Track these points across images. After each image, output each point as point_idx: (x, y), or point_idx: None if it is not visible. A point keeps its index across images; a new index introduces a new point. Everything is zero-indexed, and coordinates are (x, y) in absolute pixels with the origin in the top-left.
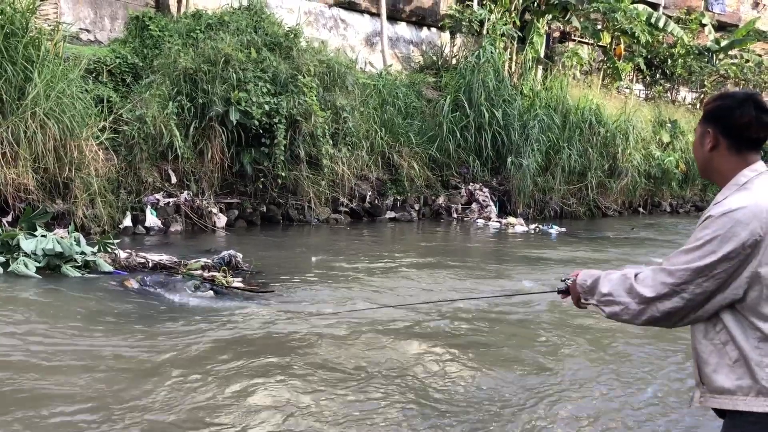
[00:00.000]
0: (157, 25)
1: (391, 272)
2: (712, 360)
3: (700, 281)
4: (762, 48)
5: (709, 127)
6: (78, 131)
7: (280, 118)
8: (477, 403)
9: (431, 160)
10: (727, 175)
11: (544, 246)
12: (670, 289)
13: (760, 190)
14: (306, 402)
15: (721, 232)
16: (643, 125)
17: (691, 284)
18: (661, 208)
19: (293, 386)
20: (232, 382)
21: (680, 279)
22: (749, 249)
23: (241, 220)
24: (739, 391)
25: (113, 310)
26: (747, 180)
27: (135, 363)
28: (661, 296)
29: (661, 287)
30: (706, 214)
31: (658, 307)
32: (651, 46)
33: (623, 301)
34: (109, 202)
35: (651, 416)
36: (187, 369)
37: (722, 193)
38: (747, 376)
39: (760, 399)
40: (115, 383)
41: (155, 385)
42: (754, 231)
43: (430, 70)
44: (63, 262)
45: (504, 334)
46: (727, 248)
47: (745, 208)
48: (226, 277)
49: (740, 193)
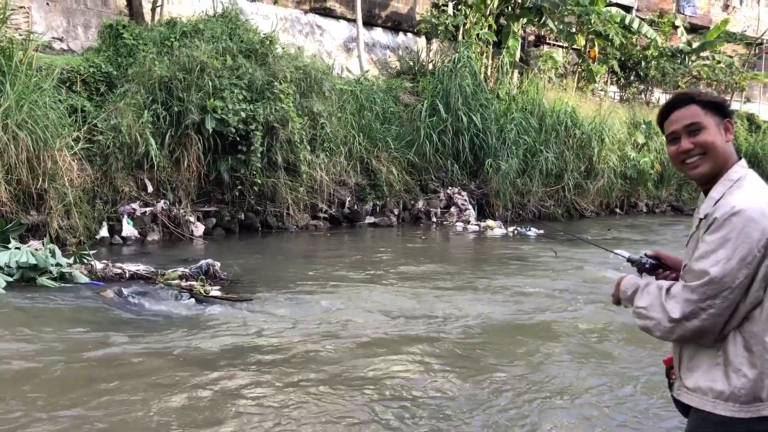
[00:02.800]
0: (131, 33)
1: (370, 279)
2: (695, 356)
3: (726, 293)
4: (732, 49)
5: (724, 117)
6: (51, 142)
7: (257, 125)
8: (459, 408)
9: (410, 164)
10: (727, 167)
11: (524, 248)
12: (696, 306)
13: (755, 186)
14: (285, 410)
15: (733, 235)
16: (618, 127)
17: (717, 299)
18: (638, 208)
19: (272, 393)
20: (209, 389)
21: (703, 295)
22: (763, 250)
23: (218, 228)
24: (710, 393)
25: (89, 320)
26: (740, 177)
27: (109, 372)
28: (688, 315)
29: (686, 305)
30: (711, 216)
31: (686, 326)
32: (625, 48)
33: (656, 317)
34: (85, 213)
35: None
36: (161, 377)
37: (716, 190)
38: (722, 380)
39: (729, 404)
40: (88, 393)
41: (129, 393)
42: (765, 230)
43: (406, 75)
44: (38, 274)
45: (490, 338)
46: (741, 252)
47: (751, 206)
48: (204, 287)
49: (738, 191)
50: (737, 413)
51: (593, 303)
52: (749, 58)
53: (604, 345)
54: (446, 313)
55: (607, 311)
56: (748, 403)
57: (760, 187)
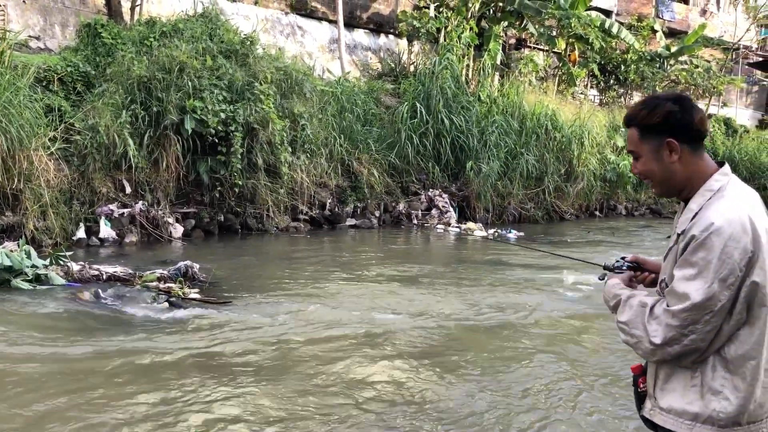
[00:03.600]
0: (110, 32)
1: (351, 281)
2: (671, 378)
3: (708, 317)
4: (710, 54)
5: (666, 137)
6: (27, 141)
7: (237, 126)
8: (437, 407)
9: (391, 166)
10: (698, 182)
11: (504, 251)
12: (677, 332)
13: (736, 196)
14: (264, 411)
15: (714, 256)
16: (597, 130)
17: (698, 323)
18: (617, 211)
19: (248, 395)
20: (183, 391)
21: (685, 321)
22: (744, 269)
23: (198, 230)
24: (685, 415)
25: (64, 322)
26: (721, 186)
27: (84, 374)
28: (669, 341)
29: (667, 330)
30: (689, 233)
31: (668, 351)
32: (604, 52)
33: (638, 335)
34: (62, 214)
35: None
36: (136, 379)
37: (695, 201)
38: (698, 402)
39: (706, 427)
40: (63, 395)
41: (102, 395)
42: (746, 249)
43: (388, 77)
44: (13, 276)
45: (470, 338)
46: (723, 273)
47: (731, 222)
48: (183, 289)
49: (718, 202)
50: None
51: (571, 303)
52: (726, 63)
53: (580, 342)
54: (425, 313)
55: (585, 312)
56: (726, 427)
57: (742, 196)
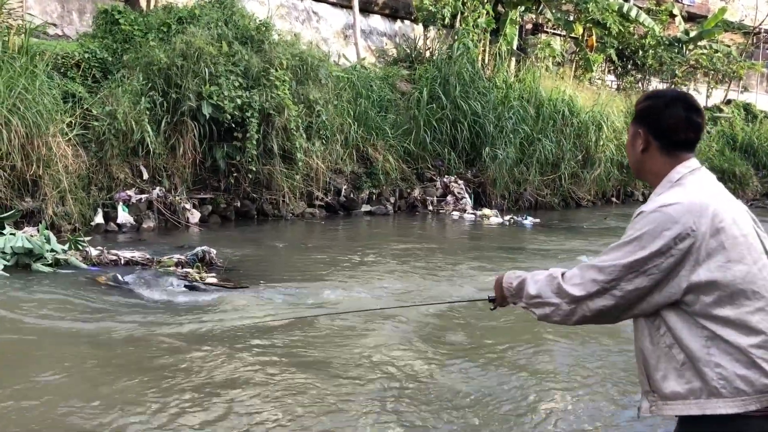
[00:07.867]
0: (127, 19)
1: (367, 268)
2: (660, 365)
3: (631, 277)
4: (730, 39)
5: (640, 128)
6: (45, 128)
7: (253, 112)
8: (457, 403)
9: (406, 153)
10: (660, 176)
11: (520, 237)
12: (601, 286)
13: (694, 186)
14: (279, 396)
15: (650, 227)
16: (615, 116)
17: (621, 281)
18: (634, 197)
19: (265, 379)
20: (203, 375)
21: (610, 276)
22: (680, 243)
23: (214, 215)
24: (691, 395)
25: (84, 305)
26: (680, 176)
27: (104, 355)
28: (592, 294)
29: (591, 285)
30: (639, 210)
31: (588, 305)
32: (622, 37)
33: (553, 302)
34: (80, 200)
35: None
36: (157, 362)
37: (656, 191)
38: (696, 378)
39: (712, 401)
40: (83, 378)
41: (124, 379)
42: (686, 225)
43: (403, 62)
44: (33, 260)
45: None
46: (657, 243)
47: (677, 203)
48: (200, 274)
49: (674, 190)
50: (724, 409)
51: None
52: (747, 48)
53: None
54: (439, 298)
55: None
56: (733, 396)
57: (702, 186)
